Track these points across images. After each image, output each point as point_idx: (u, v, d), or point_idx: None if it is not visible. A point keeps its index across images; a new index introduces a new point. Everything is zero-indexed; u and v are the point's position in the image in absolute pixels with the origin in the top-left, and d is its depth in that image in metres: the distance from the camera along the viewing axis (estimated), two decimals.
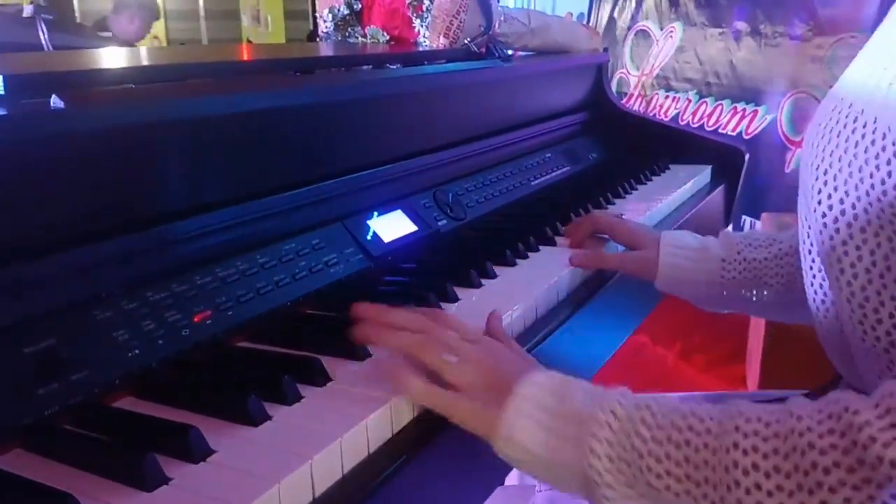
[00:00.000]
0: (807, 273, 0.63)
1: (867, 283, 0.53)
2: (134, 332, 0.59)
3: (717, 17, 2.66)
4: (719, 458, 0.44)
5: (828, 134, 0.56)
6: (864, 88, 0.55)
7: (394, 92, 0.95)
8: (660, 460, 0.46)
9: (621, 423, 0.48)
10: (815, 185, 0.57)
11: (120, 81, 0.64)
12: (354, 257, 0.82)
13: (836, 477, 0.40)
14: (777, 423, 0.44)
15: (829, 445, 0.41)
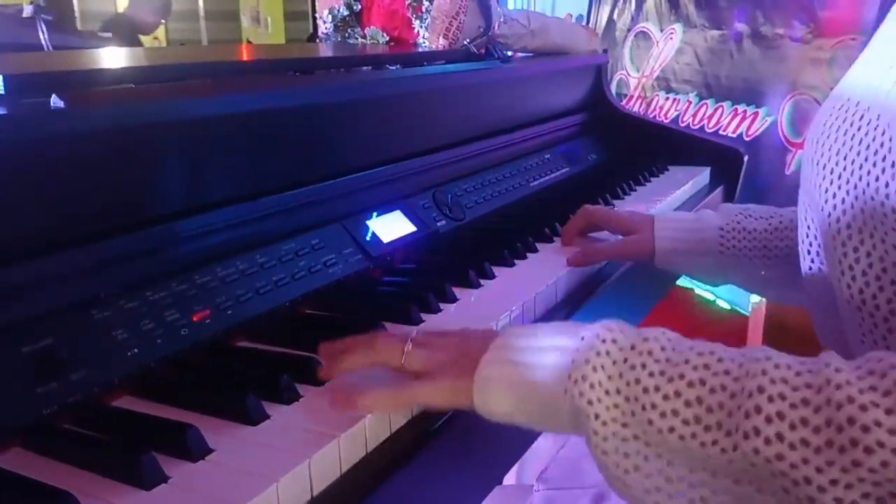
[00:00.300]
0: (806, 270, 0.63)
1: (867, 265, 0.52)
2: (133, 332, 0.59)
3: (718, 19, 2.66)
4: (738, 403, 0.40)
5: (833, 133, 0.57)
6: (869, 87, 0.55)
7: (393, 93, 0.95)
8: (667, 398, 0.42)
9: (623, 353, 0.44)
10: (822, 184, 0.57)
11: (120, 81, 0.65)
12: (353, 257, 0.82)
13: (875, 437, 0.36)
14: (810, 373, 0.40)
15: (871, 402, 0.37)
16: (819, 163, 0.58)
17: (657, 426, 0.42)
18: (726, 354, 0.43)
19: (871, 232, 0.52)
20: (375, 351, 0.55)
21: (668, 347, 0.44)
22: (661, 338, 0.45)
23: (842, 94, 0.59)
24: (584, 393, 0.44)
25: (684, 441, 0.41)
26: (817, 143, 0.59)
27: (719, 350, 0.44)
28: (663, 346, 0.44)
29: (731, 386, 0.41)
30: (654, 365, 0.43)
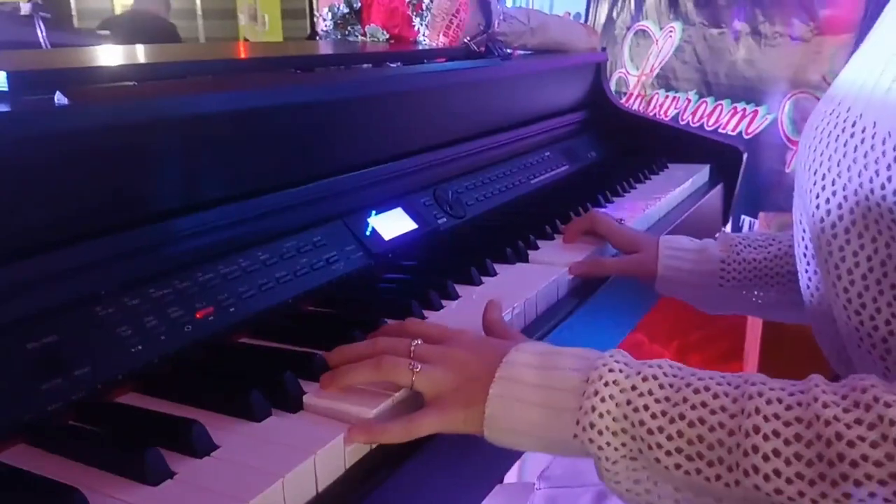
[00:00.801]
0: (802, 275, 0.63)
1: (863, 287, 0.53)
2: (137, 329, 0.59)
3: (717, 17, 2.67)
4: (737, 441, 0.43)
5: (825, 137, 0.57)
6: (862, 91, 0.55)
7: (395, 90, 0.95)
8: (671, 438, 0.45)
9: (625, 394, 0.46)
10: (813, 189, 0.57)
11: (123, 78, 0.65)
12: (355, 255, 0.82)
13: (863, 470, 0.39)
14: (799, 406, 0.42)
15: (858, 437, 0.39)
16: (811, 168, 0.57)
17: (664, 463, 0.45)
18: (721, 389, 0.45)
19: (861, 232, 0.52)
20: (382, 371, 0.54)
21: (666, 384, 0.47)
22: (659, 375, 0.47)
23: (834, 97, 0.59)
24: (594, 439, 0.47)
25: (690, 476, 0.44)
26: (810, 149, 0.59)
27: (714, 384, 0.46)
28: (661, 383, 0.47)
29: (729, 423, 0.43)
30: (655, 405, 0.46)
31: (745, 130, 2.58)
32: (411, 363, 0.53)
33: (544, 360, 0.51)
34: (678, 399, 0.45)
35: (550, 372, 0.50)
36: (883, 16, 0.61)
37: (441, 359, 0.54)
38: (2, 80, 0.57)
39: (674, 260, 0.86)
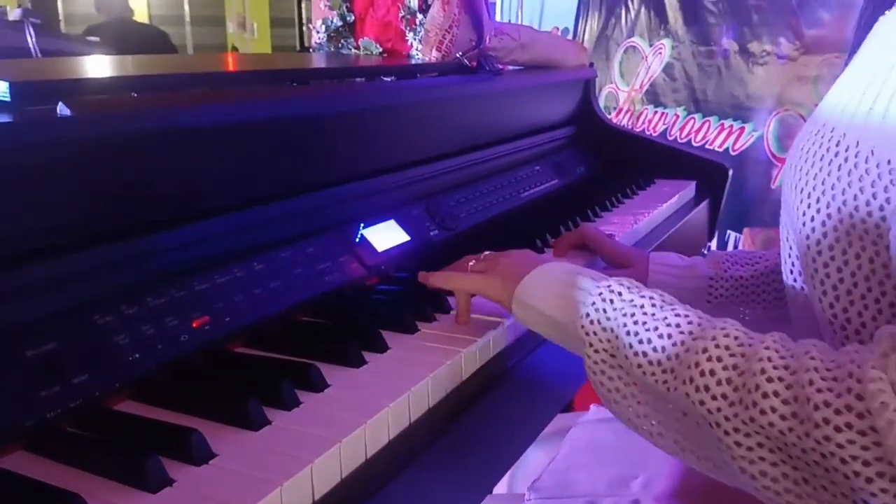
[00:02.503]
0: (789, 291, 0.65)
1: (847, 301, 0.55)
2: (134, 337, 0.59)
3: (706, 36, 2.71)
4: (689, 357, 0.51)
5: (810, 158, 0.59)
6: (845, 113, 0.57)
7: (390, 104, 0.97)
8: (642, 342, 0.54)
9: (623, 304, 0.57)
10: (800, 207, 0.59)
11: (123, 90, 0.65)
12: (348, 266, 0.83)
13: (769, 403, 0.47)
14: (749, 345, 0.51)
15: (778, 377, 0.47)
16: (797, 186, 0.60)
17: (631, 361, 0.55)
18: (698, 319, 0.54)
19: (845, 248, 0.54)
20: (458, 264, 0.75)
21: (658, 304, 0.56)
22: (655, 297, 0.57)
23: (819, 119, 0.61)
24: (586, 327, 0.58)
25: (646, 377, 0.54)
26: (796, 168, 0.61)
27: (694, 315, 0.55)
28: (655, 302, 0.56)
29: (689, 343, 0.52)
30: (641, 315, 0.56)
31: (732, 147, 2.62)
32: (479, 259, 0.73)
33: (573, 270, 0.64)
34: (661, 315, 0.55)
35: (577, 276, 0.63)
36: (866, 41, 0.63)
37: (496, 256, 0.73)
38: (4, 90, 0.57)
39: (663, 276, 0.88)
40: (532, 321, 0.65)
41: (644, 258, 0.90)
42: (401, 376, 0.61)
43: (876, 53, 0.59)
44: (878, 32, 0.61)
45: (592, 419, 0.98)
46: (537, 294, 0.63)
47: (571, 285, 0.62)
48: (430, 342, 0.69)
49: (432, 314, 0.75)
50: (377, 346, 0.66)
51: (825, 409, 0.44)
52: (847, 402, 0.44)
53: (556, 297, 0.62)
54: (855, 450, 0.43)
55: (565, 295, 0.61)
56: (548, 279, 0.64)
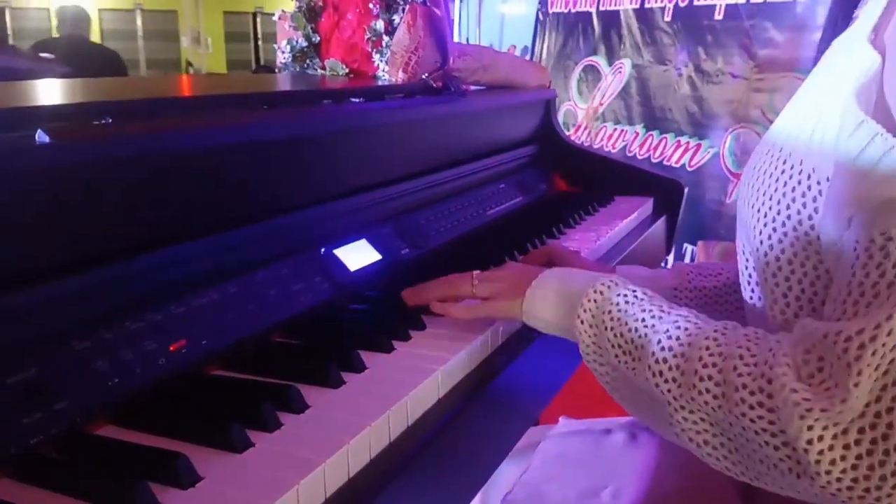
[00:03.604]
0: (747, 302, 0.69)
1: (799, 309, 0.60)
2: (113, 362, 0.60)
3: (662, 55, 2.79)
4: (648, 347, 0.60)
5: (762, 176, 0.63)
6: (791, 134, 0.62)
7: (360, 126, 0.98)
8: (616, 335, 0.63)
9: (604, 302, 0.66)
10: (756, 225, 0.63)
11: (100, 115, 0.66)
12: (321, 286, 0.84)
13: (704, 385, 0.55)
14: (696, 335, 0.58)
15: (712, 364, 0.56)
16: (752, 204, 0.64)
17: (609, 352, 0.64)
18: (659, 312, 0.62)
19: (802, 262, 0.59)
20: (451, 286, 0.79)
21: (631, 301, 0.65)
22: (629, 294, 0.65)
23: (770, 139, 0.66)
24: (578, 327, 0.67)
25: (620, 365, 0.63)
26: (750, 186, 0.65)
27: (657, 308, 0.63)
28: (628, 299, 0.65)
29: (650, 335, 0.61)
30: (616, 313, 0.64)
31: (689, 163, 2.70)
32: (473, 281, 0.78)
33: (569, 276, 0.73)
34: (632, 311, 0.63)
35: (572, 282, 0.71)
36: (818, 65, 0.67)
37: (493, 276, 0.78)
38: None
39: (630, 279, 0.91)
40: (542, 328, 0.74)
41: (609, 271, 0.93)
42: (380, 396, 0.62)
43: (822, 76, 0.64)
44: (828, 55, 0.66)
45: (562, 432, 1.01)
46: (540, 305, 0.72)
47: (565, 292, 0.70)
48: (407, 360, 0.71)
49: (408, 332, 0.76)
50: (355, 367, 0.67)
51: (742, 390, 0.53)
52: (759, 384, 0.52)
53: (555, 305, 0.71)
54: (763, 424, 0.51)
55: (561, 302, 0.70)
56: (545, 290, 0.72)
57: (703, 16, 2.61)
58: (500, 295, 0.76)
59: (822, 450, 0.48)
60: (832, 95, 0.58)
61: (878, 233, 0.49)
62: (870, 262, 0.50)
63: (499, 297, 0.76)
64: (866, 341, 0.47)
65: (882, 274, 0.49)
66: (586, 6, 3.18)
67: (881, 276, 0.49)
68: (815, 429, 0.48)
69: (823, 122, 0.57)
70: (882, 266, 0.49)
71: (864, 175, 0.51)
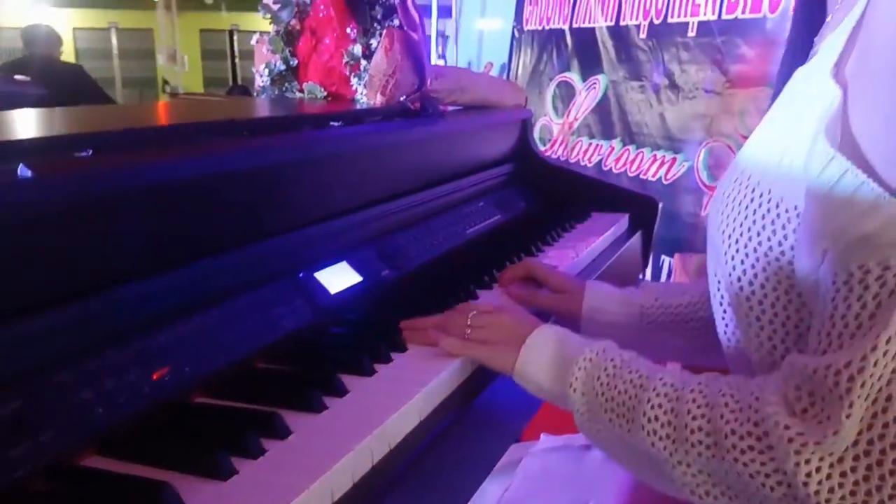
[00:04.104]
0: (719, 323, 0.70)
1: (779, 338, 0.61)
2: (97, 392, 0.60)
3: (637, 72, 2.84)
4: (640, 408, 0.62)
5: (731, 203, 0.64)
6: (760, 162, 0.63)
7: (340, 151, 1.00)
8: (608, 400, 0.65)
9: (594, 369, 0.67)
10: (727, 250, 0.64)
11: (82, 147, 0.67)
12: (303, 310, 0.85)
13: (696, 437, 0.57)
14: (681, 389, 0.60)
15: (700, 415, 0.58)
16: (723, 230, 0.65)
17: (601, 417, 0.65)
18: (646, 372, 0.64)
19: (775, 286, 0.60)
20: (445, 329, 0.79)
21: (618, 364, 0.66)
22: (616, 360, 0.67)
23: (739, 166, 0.67)
24: (570, 396, 0.68)
25: (613, 427, 0.64)
26: (721, 213, 0.66)
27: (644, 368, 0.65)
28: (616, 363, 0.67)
29: (640, 395, 0.62)
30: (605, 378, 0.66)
31: (665, 176, 2.74)
32: (468, 325, 0.78)
33: (562, 338, 0.73)
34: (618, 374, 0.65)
35: (565, 345, 0.72)
36: (783, 92, 0.69)
37: (490, 322, 0.78)
38: None
39: (597, 301, 0.95)
40: (533, 391, 0.73)
41: (580, 286, 0.97)
42: (361, 420, 0.63)
43: (787, 105, 0.66)
44: (792, 84, 0.67)
45: (543, 449, 1.02)
46: (533, 369, 0.72)
47: (558, 358, 0.71)
48: (388, 383, 0.72)
49: (389, 354, 0.77)
50: (336, 391, 0.68)
51: (732, 436, 0.55)
52: (748, 428, 0.54)
53: (549, 369, 0.71)
54: (757, 466, 0.53)
55: (554, 370, 0.71)
56: (539, 353, 0.72)
57: (677, 32, 2.66)
58: (493, 344, 0.76)
59: (820, 480, 0.50)
60: (798, 127, 0.59)
61: (856, 266, 0.51)
62: (850, 294, 0.51)
63: (492, 346, 0.76)
64: (855, 373, 0.49)
65: (863, 306, 0.50)
66: (559, 23, 3.23)
67: (862, 307, 0.50)
68: (811, 461, 0.50)
69: (791, 152, 0.59)
70: (862, 298, 0.50)
71: (837, 210, 0.53)
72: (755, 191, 0.62)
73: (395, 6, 1.22)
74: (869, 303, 0.50)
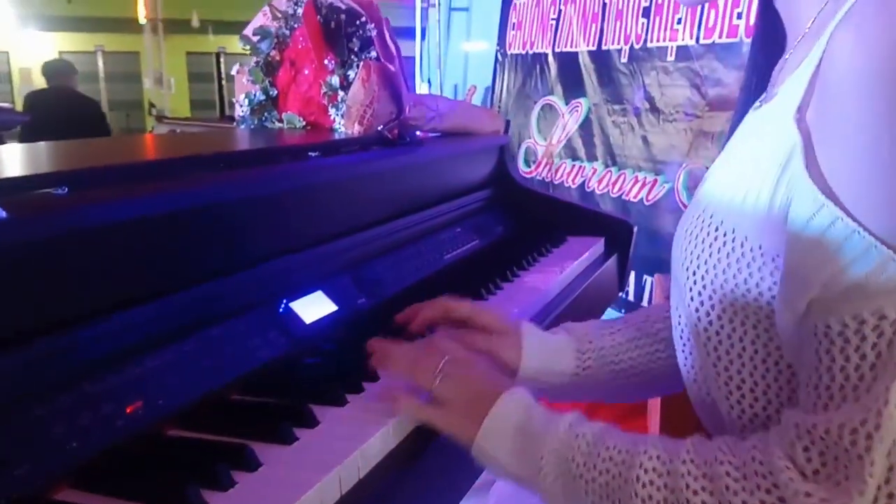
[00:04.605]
0: (679, 355, 0.72)
1: (742, 370, 0.62)
2: (70, 426, 0.62)
3: (619, 95, 2.88)
4: (628, 488, 0.58)
5: (693, 240, 0.66)
6: (723, 200, 0.64)
7: (317, 182, 1.02)
8: (587, 482, 0.61)
9: (565, 450, 0.62)
10: (687, 283, 0.66)
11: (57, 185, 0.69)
12: (278, 341, 0.87)
13: None
14: (671, 462, 0.57)
15: (701, 488, 0.55)
16: (684, 265, 0.66)
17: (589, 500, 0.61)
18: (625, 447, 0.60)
19: (732, 319, 0.62)
20: (413, 372, 0.74)
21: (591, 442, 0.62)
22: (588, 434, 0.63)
23: (700, 202, 0.68)
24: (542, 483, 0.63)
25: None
26: (682, 248, 0.67)
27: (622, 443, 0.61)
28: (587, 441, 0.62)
29: (625, 474, 0.59)
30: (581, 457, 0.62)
31: (646, 197, 2.78)
32: (437, 374, 0.72)
33: (527, 413, 0.67)
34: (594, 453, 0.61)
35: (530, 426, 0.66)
36: (739, 131, 0.71)
37: (459, 376, 0.72)
38: None
39: (536, 350, 0.86)
40: (494, 472, 0.68)
41: (515, 332, 0.87)
42: (331, 451, 0.64)
43: (745, 143, 0.67)
44: (750, 123, 0.69)
45: None
46: (495, 448, 0.67)
47: (523, 435, 0.65)
48: (360, 413, 0.73)
49: (360, 384, 0.79)
50: (307, 422, 0.70)
51: None
52: (761, 497, 0.52)
53: (512, 453, 0.65)
54: None
55: (519, 450, 0.65)
56: (501, 429, 0.67)
57: (657, 57, 2.71)
58: (454, 409, 0.70)
59: None
60: (760, 167, 0.59)
61: (850, 317, 0.50)
62: (847, 346, 0.50)
63: (452, 411, 0.70)
64: (872, 430, 0.48)
65: (862, 357, 0.50)
66: (543, 48, 3.28)
67: (861, 359, 0.50)
68: None
69: (754, 192, 0.59)
70: (860, 349, 0.50)
71: (827, 260, 0.52)
72: (718, 229, 0.63)
73: (372, 39, 1.25)
74: (868, 354, 0.50)
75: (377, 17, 1.26)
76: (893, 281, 0.49)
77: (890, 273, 0.49)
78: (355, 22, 1.26)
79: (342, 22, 1.26)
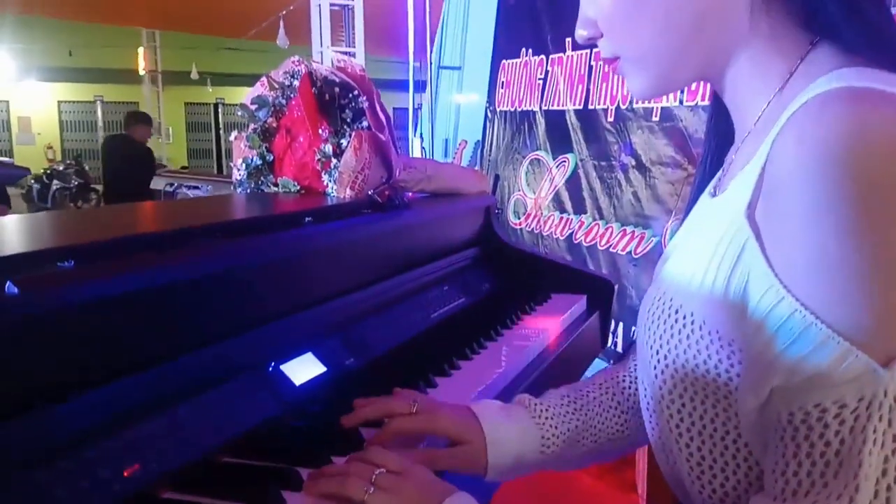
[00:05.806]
0: (647, 424, 0.76)
1: (702, 443, 0.66)
2: (70, 490, 0.65)
3: (605, 151, 2.97)
4: None
5: (655, 320, 0.69)
6: (680, 283, 0.67)
7: (307, 248, 1.07)
8: None
9: None
10: (651, 361, 0.70)
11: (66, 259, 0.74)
12: (268, 404, 0.91)
13: None
14: None
15: None
16: (648, 343, 0.70)
17: None
18: None
19: (692, 397, 0.65)
20: (343, 485, 0.68)
21: None
22: None
23: (660, 285, 0.71)
24: None
25: None
26: (645, 327, 0.71)
27: None
28: None
29: None
30: None
31: (635, 250, 2.84)
32: (367, 488, 0.67)
33: None
34: None
35: None
36: (693, 217, 0.75)
37: (393, 488, 0.67)
38: None
39: (501, 447, 0.83)
40: None
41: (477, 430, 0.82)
42: None
43: (702, 229, 0.69)
44: (705, 209, 0.73)
45: None
46: None
47: None
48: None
49: (346, 449, 0.83)
50: (294, 485, 0.73)
51: None
52: None
53: None
54: None
55: None
56: None
57: (642, 117, 2.80)
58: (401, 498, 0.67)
59: None
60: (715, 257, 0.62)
61: (812, 406, 0.53)
62: (811, 433, 0.53)
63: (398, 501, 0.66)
64: None
65: (827, 444, 0.52)
66: (531, 105, 3.39)
67: (826, 446, 0.52)
68: None
69: (710, 279, 0.62)
70: (824, 436, 0.52)
71: (786, 350, 0.55)
72: (678, 312, 0.66)
73: (364, 110, 1.32)
74: (832, 441, 0.52)
75: (369, 89, 1.33)
76: (853, 371, 0.52)
77: (849, 363, 0.52)
78: (348, 94, 1.33)
79: (336, 94, 1.33)
